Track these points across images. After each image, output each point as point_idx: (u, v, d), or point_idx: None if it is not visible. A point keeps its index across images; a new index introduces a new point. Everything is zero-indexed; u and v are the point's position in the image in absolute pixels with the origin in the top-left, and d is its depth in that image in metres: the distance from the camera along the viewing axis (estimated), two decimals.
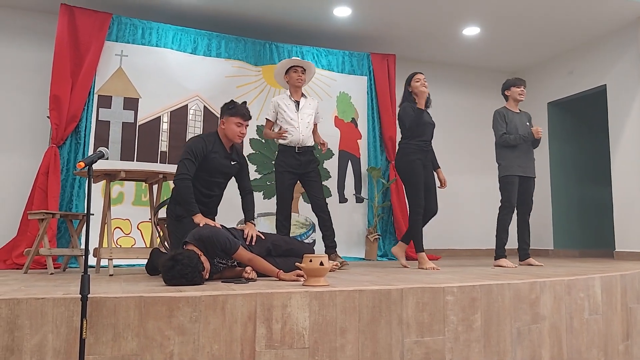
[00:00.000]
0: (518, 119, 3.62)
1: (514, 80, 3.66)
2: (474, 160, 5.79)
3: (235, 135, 2.63)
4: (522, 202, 3.61)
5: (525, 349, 2.15)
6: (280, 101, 3.35)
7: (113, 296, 1.64)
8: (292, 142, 3.25)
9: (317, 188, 3.30)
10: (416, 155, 3.22)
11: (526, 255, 3.61)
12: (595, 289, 2.45)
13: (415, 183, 3.18)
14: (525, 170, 3.57)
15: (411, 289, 1.96)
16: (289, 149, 3.27)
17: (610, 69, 4.90)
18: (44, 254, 2.87)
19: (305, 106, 3.38)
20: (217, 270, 2.31)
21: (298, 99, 3.38)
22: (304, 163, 3.28)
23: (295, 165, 3.25)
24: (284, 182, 3.24)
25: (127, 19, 4.14)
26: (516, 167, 3.54)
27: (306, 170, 3.28)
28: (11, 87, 4.19)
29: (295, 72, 3.34)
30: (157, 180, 3.01)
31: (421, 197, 3.16)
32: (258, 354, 1.73)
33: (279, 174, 3.27)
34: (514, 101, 3.65)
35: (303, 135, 3.27)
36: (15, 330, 1.55)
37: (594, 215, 5.62)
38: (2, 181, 4.07)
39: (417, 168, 3.18)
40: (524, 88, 3.64)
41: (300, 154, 3.27)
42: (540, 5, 4.34)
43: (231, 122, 2.62)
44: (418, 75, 3.29)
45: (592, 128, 5.73)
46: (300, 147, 3.27)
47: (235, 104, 2.66)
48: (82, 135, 3.90)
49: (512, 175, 3.53)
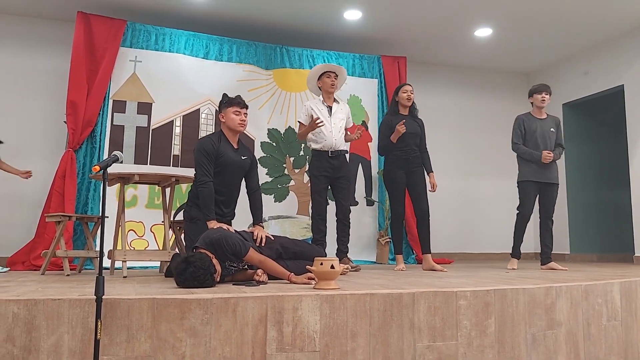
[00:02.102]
0: (540, 125, 3.63)
1: (537, 86, 3.70)
2: (487, 163, 5.71)
3: (236, 124, 2.67)
4: (542, 208, 3.63)
5: (541, 355, 2.11)
6: (314, 105, 3.43)
7: (127, 298, 1.66)
8: (325, 146, 3.35)
9: (345, 194, 3.41)
10: (395, 164, 3.43)
11: (548, 259, 3.58)
12: (613, 294, 2.39)
13: (392, 191, 3.45)
14: (543, 176, 3.56)
15: (423, 293, 1.94)
16: (322, 153, 3.36)
17: (627, 69, 4.79)
18: (61, 256, 2.93)
19: (338, 111, 3.46)
20: (229, 273, 2.32)
21: (331, 104, 3.46)
22: (337, 167, 3.38)
23: (328, 169, 3.35)
24: (319, 185, 3.34)
25: (141, 26, 4.21)
26: (532, 172, 3.56)
27: (338, 174, 3.39)
28: (29, 93, 4.31)
29: (328, 77, 3.43)
30: (170, 184, 3.05)
31: (398, 205, 3.43)
32: (269, 356, 1.73)
33: (315, 178, 3.36)
34: (538, 108, 3.69)
35: (336, 139, 3.37)
36: (33, 331, 1.58)
37: (612, 219, 5.49)
38: (21, 185, 4.18)
39: (394, 177, 3.42)
40: (547, 94, 3.66)
41: (333, 158, 3.37)
42: (554, 5, 4.27)
43: (229, 112, 2.67)
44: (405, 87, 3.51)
45: (609, 129, 5.61)
46: (333, 151, 3.36)
47: (229, 97, 2.72)
48: (98, 140, 3.98)
49: (526, 181, 3.57)
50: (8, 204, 4.14)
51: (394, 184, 3.42)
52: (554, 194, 3.61)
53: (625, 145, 4.94)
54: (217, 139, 2.66)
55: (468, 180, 5.49)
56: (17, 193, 4.17)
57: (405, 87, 3.50)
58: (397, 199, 3.42)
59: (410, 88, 3.49)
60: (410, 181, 3.42)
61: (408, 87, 3.49)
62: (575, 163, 5.47)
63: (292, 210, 4.50)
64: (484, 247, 5.53)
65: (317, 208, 3.33)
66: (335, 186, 3.40)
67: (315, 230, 3.33)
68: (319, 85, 3.47)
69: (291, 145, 4.58)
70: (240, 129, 2.71)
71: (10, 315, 1.57)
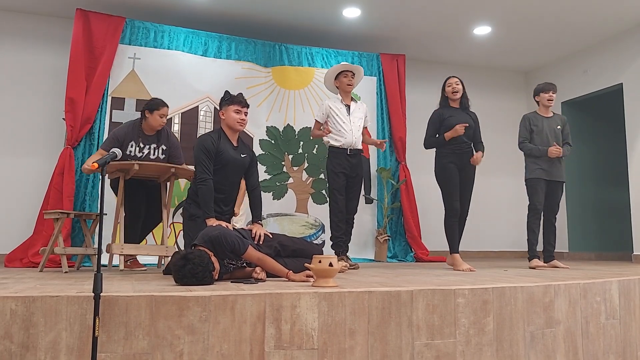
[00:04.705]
0: (547, 123, 3.64)
1: (543, 85, 3.69)
2: (491, 162, 5.71)
3: (235, 123, 2.66)
4: (548, 206, 3.63)
5: (539, 354, 2.11)
6: (332, 104, 3.43)
7: (125, 295, 1.65)
8: (344, 144, 3.36)
9: (355, 193, 3.44)
10: (448, 158, 3.28)
11: (550, 257, 3.59)
12: (612, 292, 2.39)
13: (447, 187, 3.27)
14: (550, 174, 3.57)
15: (421, 290, 1.94)
16: (341, 151, 3.36)
17: (626, 67, 4.79)
18: (59, 253, 2.92)
19: (356, 110, 3.48)
20: (227, 271, 2.32)
21: (349, 103, 3.47)
22: (354, 165, 3.40)
23: (347, 166, 3.36)
24: (338, 182, 3.34)
25: (140, 23, 4.20)
26: (538, 170, 3.57)
27: (354, 173, 3.40)
28: (28, 90, 4.29)
29: (345, 76, 3.43)
30: (169, 177, 3.04)
31: (453, 201, 3.23)
32: (267, 354, 1.73)
33: (335, 175, 3.35)
34: (544, 106, 3.68)
35: (355, 138, 3.39)
36: (31, 328, 1.58)
37: (610, 217, 5.50)
38: (19, 182, 4.17)
39: (449, 173, 3.25)
40: (553, 93, 3.65)
41: (351, 157, 3.38)
42: (553, 3, 4.26)
43: (230, 110, 2.66)
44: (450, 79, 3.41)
45: (608, 127, 5.61)
46: (352, 149, 3.38)
47: (231, 94, 2.71)
48: (96, 137, 3.97)
49: (533, 179, 3.57)
50: (6, 201, 4.13)
51: (449, 179, 3.24)
52: (560, 192, 3.62)
53: (624, 144, 4.94)
54: (217, 137, 2.65)
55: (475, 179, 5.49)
56: (15, 190, 4.16)
57: (449, 80, 3.36)
58: (452, 194, 3.24)
59: (455, 80, 3.33)
60: (461, 177, 3.30)
61: (452, 80, 3.34)
62: (573, 161, 5.46)
63: (290, 208, 4.50)
64: (484, 245, 5.54)
65: (336, 206, 3.32)
66: (349, 185, 3.41)
67: (335, 228, 3.31)
68: (336, 84, 3.49)
69: (290, 142, 4.57)
70: (239, 128, 2.70)
71: (8, 312, 1.57)
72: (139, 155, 3.08)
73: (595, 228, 5.44)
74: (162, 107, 3.10)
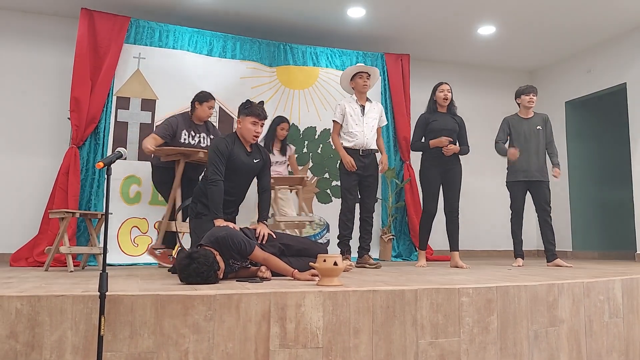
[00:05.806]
0: (527, 125, 3.70)
1: (524, 88, 3.75)
2: (489, 161, 5.68)
3: (251, 135, 2.66)
4: (537, 206, 3.67)
5: (543, 352, 2.11)
6: (347, 105, 3.48)
7: (130, 294, 1.67)
8: (357, 145, 3.40)
9: (370, 193, 3.47)
10: (430, 162, 3.48)
11: (553, 257, 3.60)
12: (615, 291, 2.39)
13: (425, 189, 3.50)
14: (529, 174, 3.62)
15: (425, 289, 1.95)
16: (354, 151, 3.41)
17: (630, 67, 4.77)
18: (64, 252, 2.94)
19: (370, 110, 3.51)
20: (232, 270, 2.33)
21: (363, 103, 3.51)
22: (367, 165, 3.43)
23: (360, 166, 3.40)
24: (350, 182, 3.39)
25: (145, 22, 4.21)
26: (517, 172, 3.66)
27: (367, 173, 3.43)
28: (34, 90, 4.32)
29: (360, 78, 3.47)
30: None
31: (429, 203, 3.47)
32: (272, 352, 1.74)
33: (346, 174, 3.41)
34: (525, 108, 3.75)
35: (367, 138, 3.43)
36: (36, 327, 1.59)
37: (614, 217, 5.47)
38: (25, 181, 4.19)
39: (429, 177, 3.47)
40: (534, 95, 3.71)
41: (364, 157, 3.42)
42: (557, 3, 4.25)
43: (247, 121, 2.65)
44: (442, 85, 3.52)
45: (612, 127, 5.58)
46: (364, 149, 3.42)
47: (252, 104, 2.68)
48: (101, 136, 3.99)
49: (511, 181, 3.70)
50: (12, 200, 4.16)
51: (428, 182, 3.46)
52: (546, 191, 3.63)
53: (627, 143, 4.92)
54: (231, 141, 2.67)
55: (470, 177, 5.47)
56: (20, 189, 4.19)
57: (442, 86, 3.50)
58: (429, 196, 3.46)
59: (447, 87, 3.49)
60: (445, 179, 3.47)
61: (445, 86, 3.49)
62: (577, 161, 5.45)
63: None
64: (486, 244, 5.52)
65: (346, 205, 3.37)
66: (363, 185, 3.43)
67: (343, 227, 3.37)
68: (352, 85, 3.52)
69: (294, 142, 4.58)
70: (252, 141, 2.70)
71: (13, 312, 1.58)
72: (193, 142, 3.27)
73: (598, 227, 5.42)
74: (210, 99, 3.30)
